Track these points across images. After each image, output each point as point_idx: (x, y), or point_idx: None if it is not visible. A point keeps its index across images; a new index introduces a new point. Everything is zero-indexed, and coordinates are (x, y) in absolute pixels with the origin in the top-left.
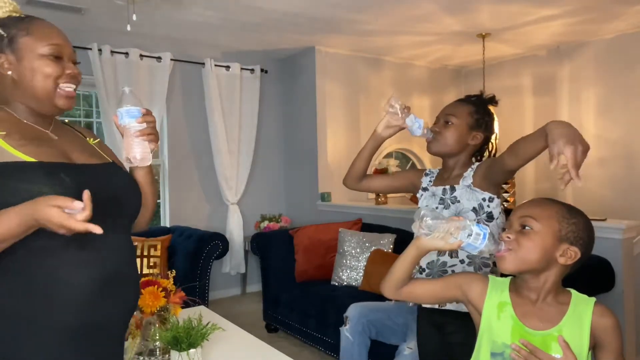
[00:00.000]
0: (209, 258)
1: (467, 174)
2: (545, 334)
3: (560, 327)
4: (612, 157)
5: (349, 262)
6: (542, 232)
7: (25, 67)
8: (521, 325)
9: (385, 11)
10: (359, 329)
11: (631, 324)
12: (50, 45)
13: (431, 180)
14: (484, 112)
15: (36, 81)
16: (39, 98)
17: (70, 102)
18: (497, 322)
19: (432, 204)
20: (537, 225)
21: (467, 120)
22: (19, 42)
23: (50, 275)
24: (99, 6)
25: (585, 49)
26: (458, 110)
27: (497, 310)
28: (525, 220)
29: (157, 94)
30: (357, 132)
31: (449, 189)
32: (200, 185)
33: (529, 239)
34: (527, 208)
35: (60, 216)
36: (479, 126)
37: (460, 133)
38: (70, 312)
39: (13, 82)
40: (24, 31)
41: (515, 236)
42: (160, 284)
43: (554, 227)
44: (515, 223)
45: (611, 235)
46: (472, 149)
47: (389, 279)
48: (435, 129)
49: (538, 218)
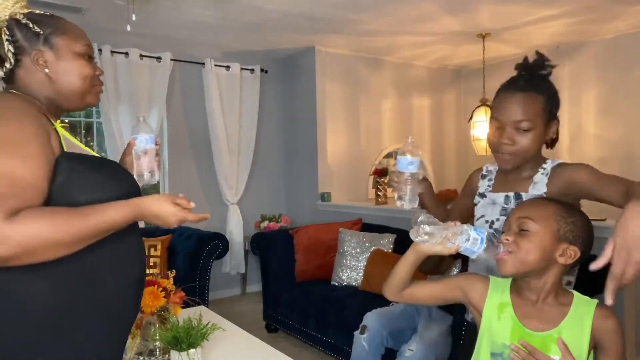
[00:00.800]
0: (209, 258)
1: (538, 179)
2: (545, 335)
3: (560, 329)
4: (612, 157)
5: (349, 262)
6: (541, 232)
7: (62, 66)
8: (521, 326)
9: (385, 11)
10: (377, 340)
11: (631, 324)
12: (85, 45)
13: (490, 184)
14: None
15: (74, 81)
16: (74, 96)
17: (98, 99)
18: (497, 322)
19: (492, 215)
20: (535, 226)
21: (552, 226)
22: (56, 41)
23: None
24: (99, 6)
25: (585, 49)
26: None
27: (497, 311)
28: (523, 222)
29: (157, 94)
30: (357, 132)
31: (513, 197)
32: (200, 185)
33: (527, 240)
34: (525, 209)
35: (179, 211)
36: (551, 118)
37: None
38: (122, 303)
39: (48, 80)
40: (60, 30)
41: (513, 238)
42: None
43: (552, 227)
44: (513, 225)
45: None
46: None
47: (390, 282)
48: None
49: (536, 219)
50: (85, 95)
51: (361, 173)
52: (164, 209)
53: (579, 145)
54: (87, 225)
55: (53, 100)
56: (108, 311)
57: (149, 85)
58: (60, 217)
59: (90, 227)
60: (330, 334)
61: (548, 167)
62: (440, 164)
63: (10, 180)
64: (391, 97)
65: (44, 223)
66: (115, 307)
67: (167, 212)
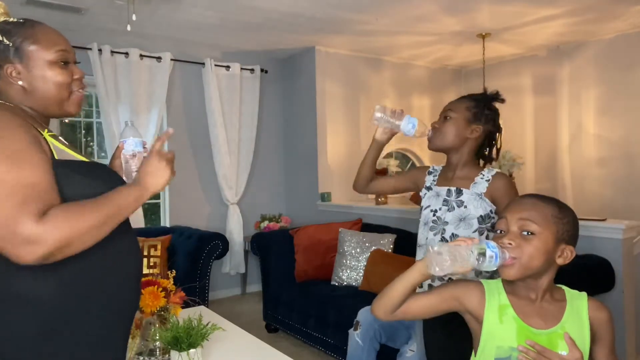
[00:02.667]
0: (209, 258)
1: (479, 180)
2: (551, 332)
3: (563, 324)
4: (612, 157)
5: (349, 262)
6: (543, 235)
7: (36, 76)
8: (526, 327)
9: (385, 11)
10: (370, 335)
11: (631, 324)
12: (59, 51)
13: (435, 179)
14: (483, 106)
15: (49, 90)
16: (52, 105)
17: (80, 107)
18: (500, 326)
19: (435, 204)
20: (538, 229)
21: (465, 114)
22: (27, 51)
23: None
24: (99, 6)
25: (585, 49)
26: (456, 105)
27: (498, 314)
28: (525, 225)
29: (157, 94)
30: (357, 132)
31: (454, 191)
32: (200, 185)
33: (530, 244)
34: (524, 210)
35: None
36: (477, 119)
37: (457, 126)
38: (122, 300)
39: (23, 91)
40: (31, 38)
41: (517, 242)
42: (160, 284)
43: (552, 229)
44: (514, 227)
45: (611, 236)
46: (473, 144)
47: (384, 302)
48: (435, 124)
49: (538, 221)
50: (63, 103)
51: None
52: (153, 163)
53: (578, 145)
54: (110, 205)
55: (35, 109)
56: (110, 310)
57: (149, 85)
58: (84, 206)
59: (113, 206)
60: (330, 333)
61: (489, 177)
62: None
63: (29, 186)
64: (391, 97)
65: (72, 216)
66: (116, 305)
67: (157, 165)
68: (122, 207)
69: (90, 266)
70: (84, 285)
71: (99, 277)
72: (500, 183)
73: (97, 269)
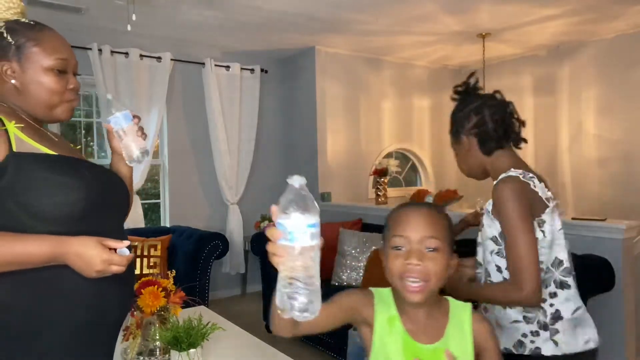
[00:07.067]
0: (209, 258)
1: (491, 199)
2: (435, 347)
3: (446, 339)
4: (612, 157)
5: (349, 262)
6: (444, 250)
7: (29, 79)
8: (411, 341)
9: (385, 11)
10: None
11: (631, 324)
12: (58, 59)
13: None
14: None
15: (40, 94)
16: (40, 109)
17: (71, 114)
18: (389, 337)
19: None
20: (441, 245)
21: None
22: (27, 52)
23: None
24: (99, 6)
25: (585, 49)
26: None
27: (388, 326)
28: (431, 243)
29: (157, 94)
30: (357, 132)
31: None
32: (200, 185)
33: (435, 262)
34: (424, 225)
35: (103, 251)
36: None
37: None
38: (80, 307)
39: (15, 90)
40: (34, 41)
41: (424, 263)
42: (160, 284)
43: (448, 240)
44: (417, 245)
45: (611, 235)
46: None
47: (279, 320)
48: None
49: (439, 237)
50: (53, 109)
51: (361, 173)
52: (89, 249)
53: (579, 145)
54: (5, 252)
55: (24, 109)
56: (86, 312)
57: (149, 85)
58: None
59: (8, 255)
60: (330, 334)
61: None
62: (440, 163)
63: None
64: (391, 97)
65: None
66: (92, 308)
67: (91, 253)
68: (23, 262)
69: (44, 272)
70: (43, 286)
71: (58, 276)
72: (495, 194)
73: (51, 269)
